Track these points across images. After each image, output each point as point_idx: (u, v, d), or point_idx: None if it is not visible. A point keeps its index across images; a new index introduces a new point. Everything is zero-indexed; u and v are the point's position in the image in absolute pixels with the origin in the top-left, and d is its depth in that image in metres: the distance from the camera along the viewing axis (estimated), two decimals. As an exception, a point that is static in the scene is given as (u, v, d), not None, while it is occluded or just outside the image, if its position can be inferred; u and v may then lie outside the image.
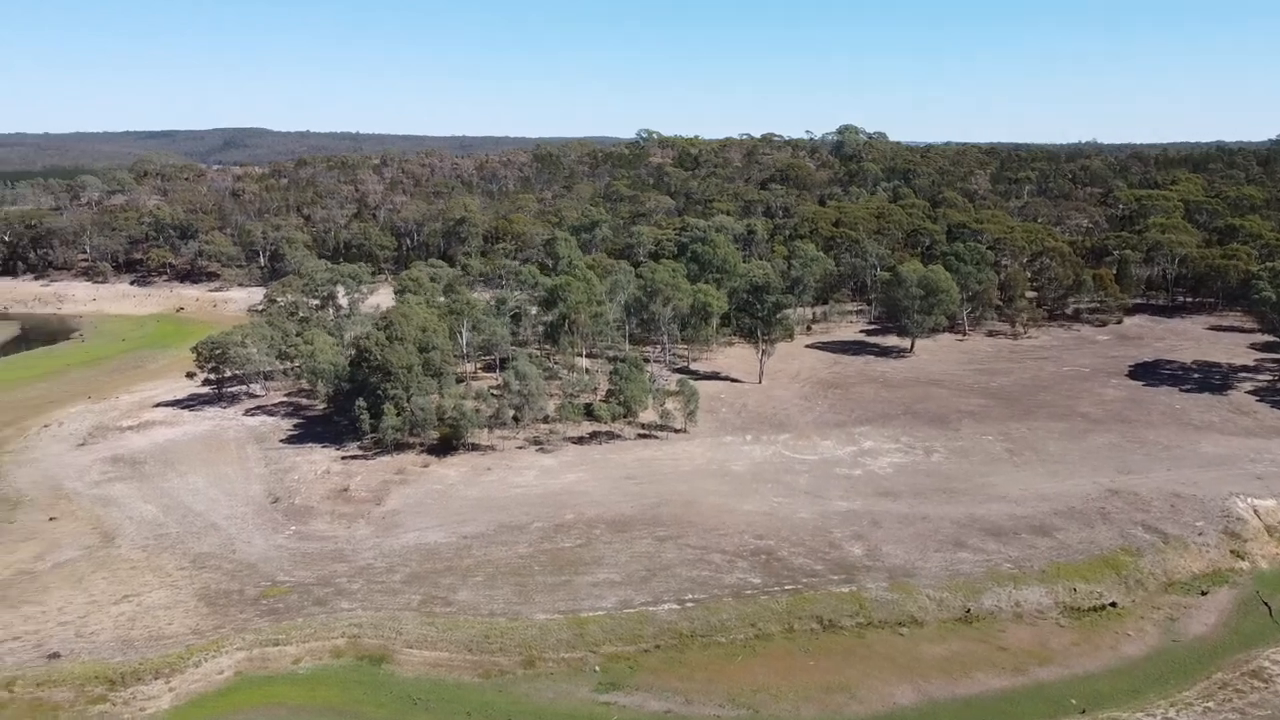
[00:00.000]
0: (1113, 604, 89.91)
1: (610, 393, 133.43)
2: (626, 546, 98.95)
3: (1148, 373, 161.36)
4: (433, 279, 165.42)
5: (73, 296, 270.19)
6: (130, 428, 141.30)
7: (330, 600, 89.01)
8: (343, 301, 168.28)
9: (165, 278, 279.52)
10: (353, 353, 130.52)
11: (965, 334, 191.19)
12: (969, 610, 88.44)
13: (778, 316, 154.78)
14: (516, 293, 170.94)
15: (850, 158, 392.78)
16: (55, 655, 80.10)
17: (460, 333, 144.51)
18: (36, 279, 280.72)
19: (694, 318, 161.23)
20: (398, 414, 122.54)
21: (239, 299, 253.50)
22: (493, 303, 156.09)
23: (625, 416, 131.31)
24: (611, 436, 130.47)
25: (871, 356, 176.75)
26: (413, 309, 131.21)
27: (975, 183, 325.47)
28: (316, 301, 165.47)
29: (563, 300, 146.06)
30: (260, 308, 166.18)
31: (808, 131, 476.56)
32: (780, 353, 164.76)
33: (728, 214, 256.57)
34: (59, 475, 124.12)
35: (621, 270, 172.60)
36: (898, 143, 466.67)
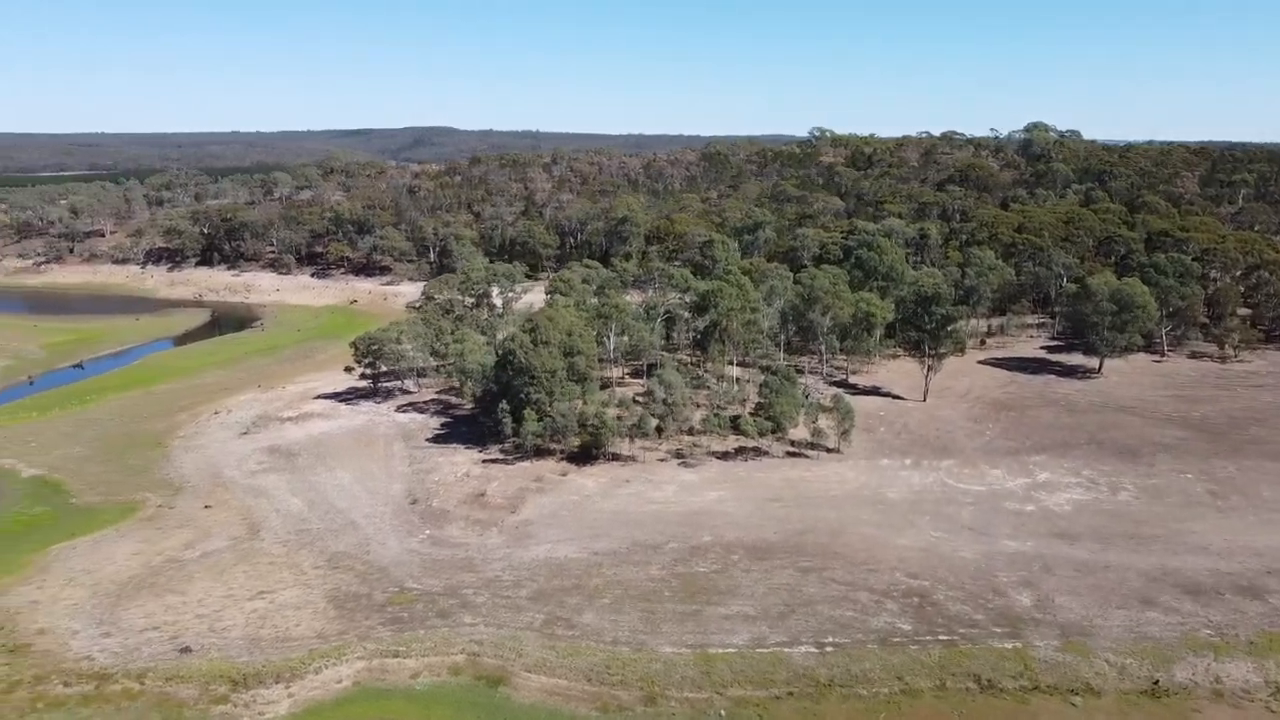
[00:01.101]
0: (1341, 691, 75.71)
1: (759, 406, 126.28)
2: (765, 576, 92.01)
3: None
4: (585, 280, 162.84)
5: (259, 287, 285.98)
6: (290, 419, 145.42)
7: (454, 613, 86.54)
8: (496, 301, 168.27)
9: (342, 271, 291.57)
10: (501, 353, 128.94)
11: (1164, 355, 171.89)
12: (1157, 682, 76.50)
13: (947, 330, 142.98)
14: (671, 295, 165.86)
15: (1038, 157, 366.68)
16: (186, 649, 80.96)
17: (608, 337, 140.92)
18: (229, 269, 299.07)
19: (855, 328, 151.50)
20: (539, 419, 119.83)
21: (407, 293, 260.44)
22: (642, 307, 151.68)
23: (774, 432, 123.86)
24: (758, 453, 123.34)
25: (1052, 376, 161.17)
26: (559, 312, 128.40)
27: (1181, 186, 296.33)
28: (471, 300, 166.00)
29: (714, 306, 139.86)
30: (417, 304, 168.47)
31: (992, 129, 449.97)
32: (948, 368, 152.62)
33: (899, 216, 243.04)
34: (220, 463, 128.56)
35: (779, 275, 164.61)
36: (1092, 141, 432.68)
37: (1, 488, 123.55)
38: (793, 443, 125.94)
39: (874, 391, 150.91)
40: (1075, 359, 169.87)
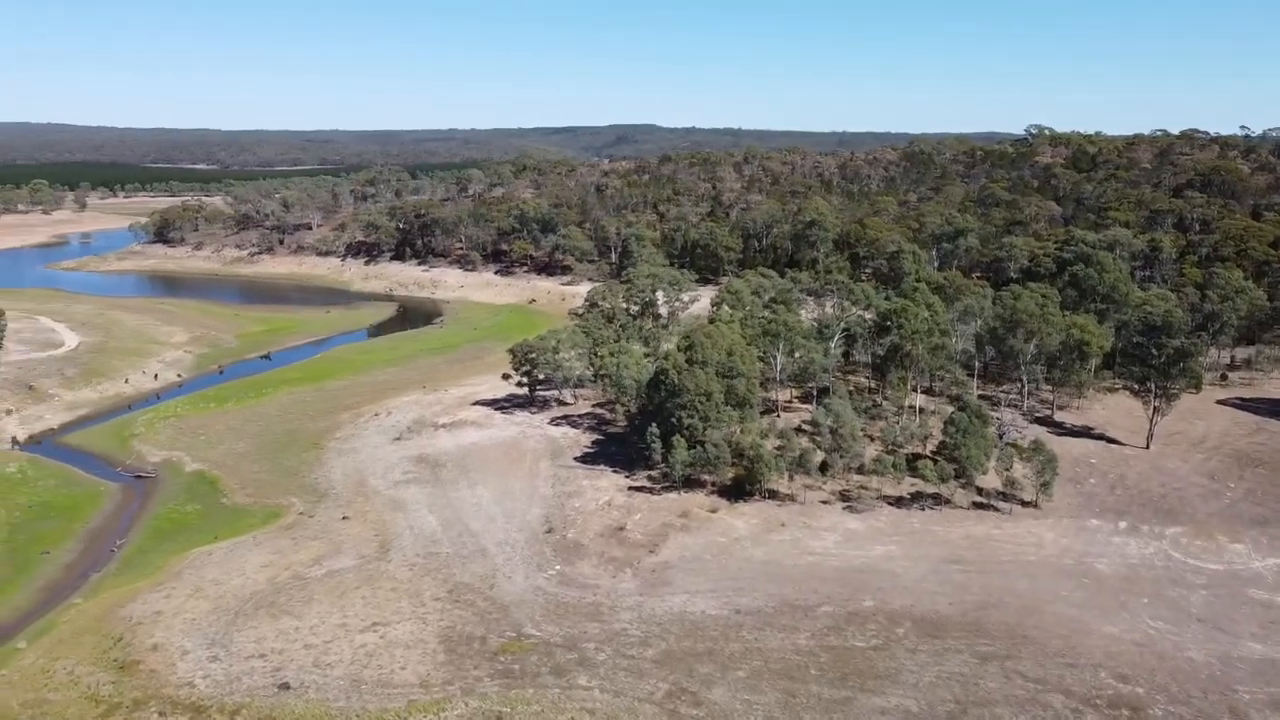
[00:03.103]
0: None
1: (943, 446, 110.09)
2: (935, 660, 77.29)
3: None
4: (755, 292, 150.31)
5: (445, 282, 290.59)
6: (444, 425, 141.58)
7: (569, 670, 77.22)
8: (662, 310, 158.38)
9: (525, 269, 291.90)
10: (654, 371, 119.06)
11: None
12: None
13: (1181, 364, 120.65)
14: (854, 310, 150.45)
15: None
16: (285, 686, 75.72)
17: (775, 356, 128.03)
18: (419, 264, 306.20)
19: (1065, 357, 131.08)
20: (690, 447, 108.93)
21: (585, 294, 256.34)
22: (816, 323, 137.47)
23: (958, 478, 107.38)
24: (938, 501, 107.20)
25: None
26: (720, 329, 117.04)
27: None
28: (636, 307, 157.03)
29: (897, 328, 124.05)
30: (580, 311, 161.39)
31: (1243, 127, 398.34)
32: (1180, 409, 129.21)
33: (1125, 225, 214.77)
34: (367, 470, 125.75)
35: (976, 294, 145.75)
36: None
37: (165, 481, 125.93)
38: (981, 491, 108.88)
39: (1084, 433, 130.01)
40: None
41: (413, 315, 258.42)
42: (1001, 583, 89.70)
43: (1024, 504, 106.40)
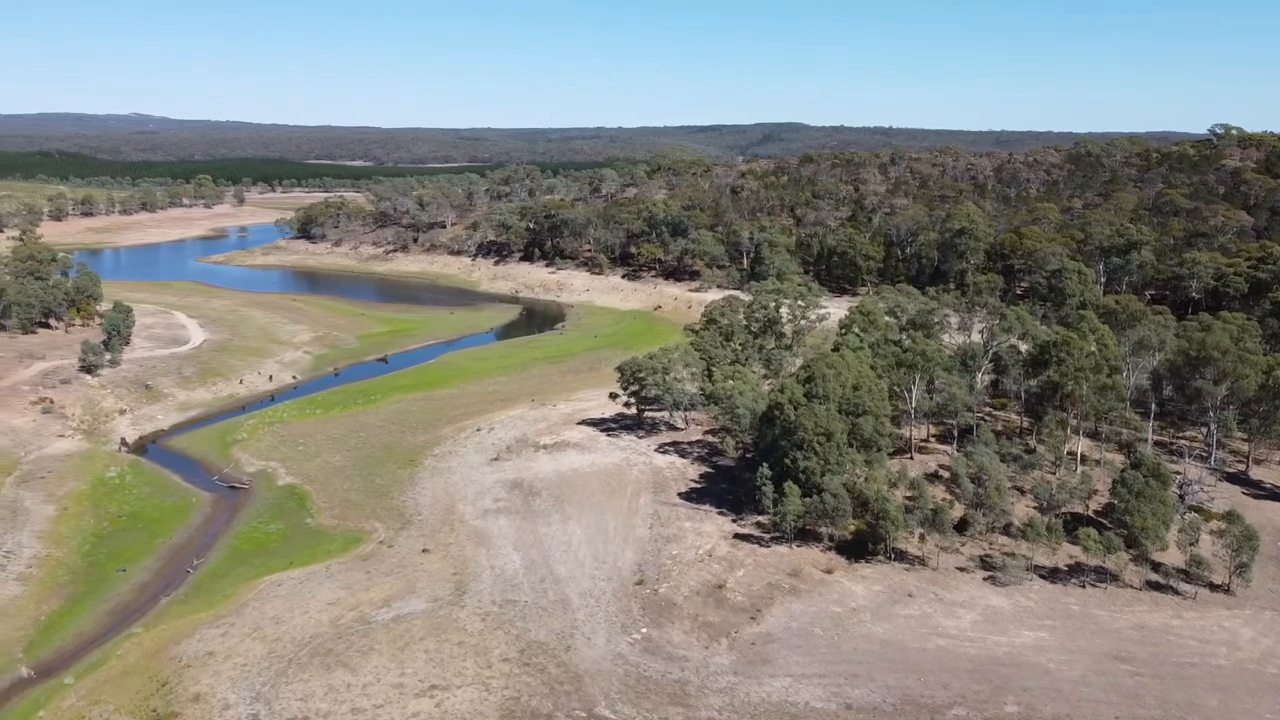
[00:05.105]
0: None
1: (1110, 509, 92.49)
2: (1095, 799, 61.63)
3: None
4: (893, 311, 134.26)
5: (571, 285, 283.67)
6: (545, 446, 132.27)
7: (641, 771, 65.52)
8: (786, 328, 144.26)
9: (653, 273, 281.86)
10: (767, 404, 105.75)
11: None
12: None
13: None
14: (1007, 337, 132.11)
15: None
16: (321, 762, 66.99)
17: (910, 390, 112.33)
18: (547, 266, 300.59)
19: (1265, 403, 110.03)
20: (804, 494, 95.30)
21: (712, 301, 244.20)
22: (959, 355, 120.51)
23: (1130, 548, 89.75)
24: (1103, 576, 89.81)
25: None
26: (846, 357, 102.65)
27: None
28: (757, 324, 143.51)
29: (1057, 363, 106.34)
30: (696, 327, 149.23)
31: None
32: None
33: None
34: (458, 494, 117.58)
35: (1153, 323, 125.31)
36: None
37: (256, 494, 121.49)
38: (1157, 567, 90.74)
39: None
40: None
41: (536, 319, 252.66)
42: (1183, 695, 72.56)
43: (1213, 587, 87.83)
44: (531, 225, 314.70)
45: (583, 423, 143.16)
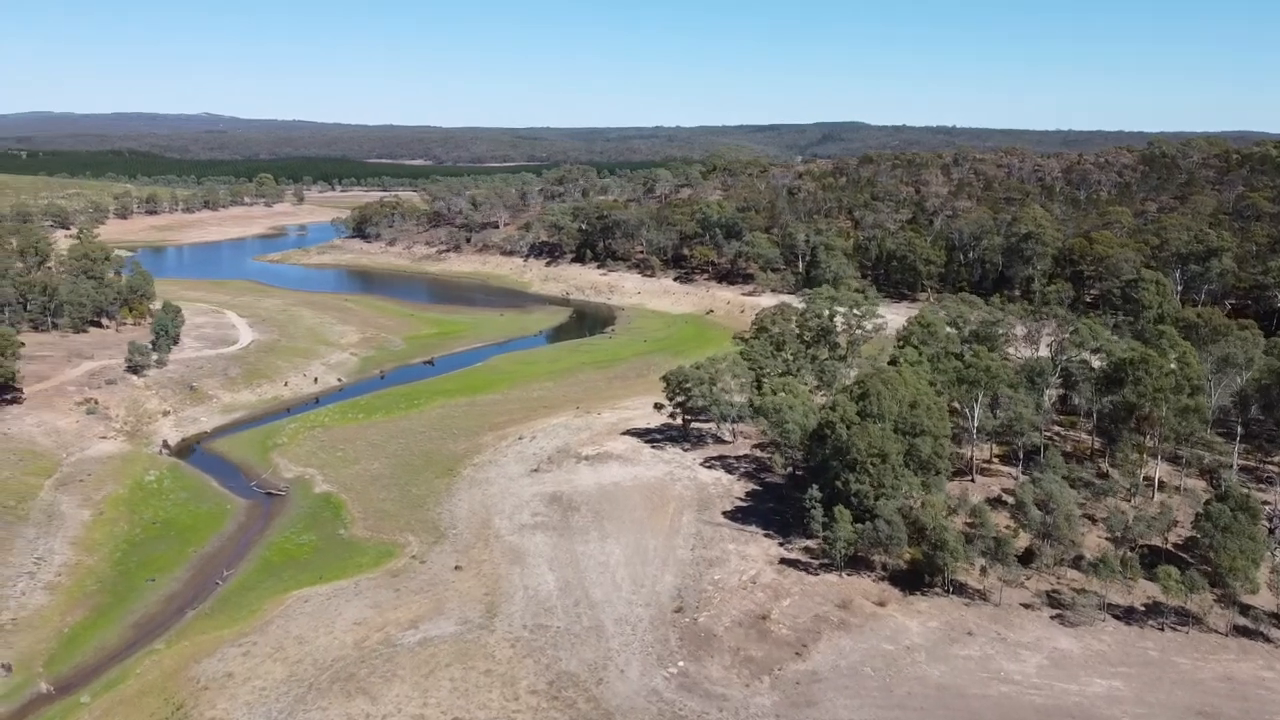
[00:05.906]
0: None
1: (1192, 543, 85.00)
2: None
3: None
4: (954, 322, 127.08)
5: (622, 288, 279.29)
6: (587, 458, 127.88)
7: (672, 825, 60.53)
8: (840, 338, 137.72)
9: (705, 276, 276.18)
10: (818, 421, 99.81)
11: None
12: None
13: None
14: (1077, 352, 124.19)
15: None
16: (332, 802, 63.20)
17: (972, 408, 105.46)
18: (598, 267, 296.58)
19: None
20: (856, 519, 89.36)
21: (766, 306, 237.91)
22: (1024, 371, 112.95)
23: (1215, 587, 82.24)
24: (1184, 619, 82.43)
25: None
26: (902, 374, 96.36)
27: None
28: (810, 334, 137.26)
29: (1134, 382, 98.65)
30: (746, 335, 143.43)
31: None
32: None
33: None
34: (495, 507, 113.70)
35: (1239, 338, 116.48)
36: None
37: (292, 502, 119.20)
38: (1246, 611, 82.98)
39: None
40: None
41: (586, 321, 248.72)
42: (1277, 759, 65.41)
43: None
44: (584, 226, 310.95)
45: (627, 433, 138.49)
